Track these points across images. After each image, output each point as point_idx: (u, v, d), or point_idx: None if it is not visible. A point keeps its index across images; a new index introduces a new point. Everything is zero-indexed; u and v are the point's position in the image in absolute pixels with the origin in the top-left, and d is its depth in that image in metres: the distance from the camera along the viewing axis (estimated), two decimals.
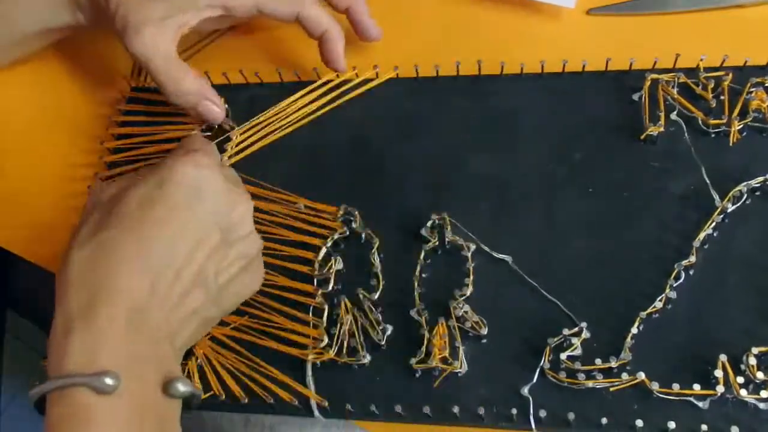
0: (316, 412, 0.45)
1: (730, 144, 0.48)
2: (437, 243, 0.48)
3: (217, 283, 0.42)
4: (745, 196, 0.46)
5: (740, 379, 0.41)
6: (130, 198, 0.41)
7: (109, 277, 0.38)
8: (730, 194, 0.46)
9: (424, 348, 0.45)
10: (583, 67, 0.52)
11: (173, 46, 0.51)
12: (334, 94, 0.55)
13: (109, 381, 0.35)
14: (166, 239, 0.40)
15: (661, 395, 0.41)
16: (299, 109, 0.55)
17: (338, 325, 0.46)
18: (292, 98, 0.55)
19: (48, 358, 0.37)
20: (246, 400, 0.46)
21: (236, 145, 0.54)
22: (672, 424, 0.41)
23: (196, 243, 0.41)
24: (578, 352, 0.43)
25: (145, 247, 0.39)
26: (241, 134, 0.55)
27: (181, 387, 0.38)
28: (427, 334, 0.45)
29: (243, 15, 0.52)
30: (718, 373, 0.41)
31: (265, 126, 0.55)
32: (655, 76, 0.50)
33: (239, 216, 0.44)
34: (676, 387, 0.41)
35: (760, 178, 0.46)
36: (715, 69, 0.50)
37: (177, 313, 0.40)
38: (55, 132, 0.60)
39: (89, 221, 0.41)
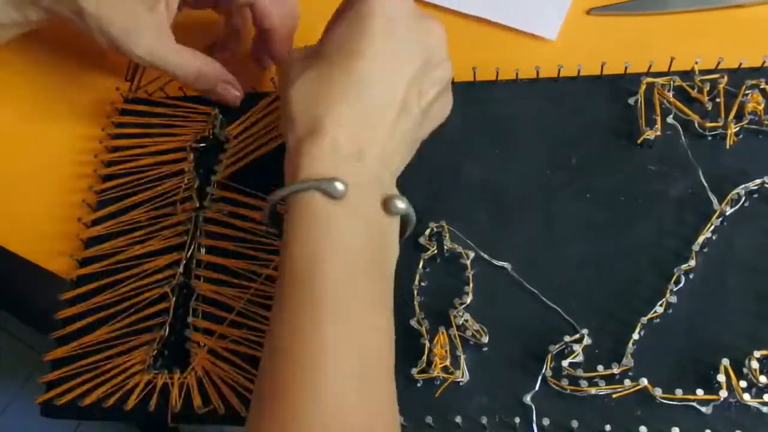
0: None
1: (727, 147, 0.48)
2: (436, 251, 0.48)
3: (420, 107, 0.44)
4: (743, 198, 0.46)
5: (743, 383, 0.41)
6: (331, 39, 0.44)
7: (328, 106, 0.41)
8: (728, 197, 0.46)
9: (424, 357, 0.44)
10: (578, 71, 0.52)
11: (172, 35, 0.51)
12: None
13: (338, 186, 0.38)
14: (369, 72, 0.42)
15: (664, 401, 0.41)
16: None
17: None
18: None
19: (285, 178, 0.41)
20: (245, 414, 0.45)
21: (231, 156, 0.54)
22: (676, 430, 0.40)
23: (397, 71, 0.43)
24: (580, 358, 0.43)
25: (353, 80, 0.42)
26: (235, 145, 0.54)
27: (400, 204, 0.41)
28: (427, 344, 0.45)
29: None
30: (721, 377, 0.41)
31: (260, 136, 0.54)
32: (650, 79, 0.50)
33: (434, 41, 0.45)
34: (678, 392, 0.41)
35: (758, 181, 0.46)
36: (710, 71, 0.50)
37: (390, 141, 0.42)
38: (49, 144, 0.59)
39: (297, 65, 0.44)
